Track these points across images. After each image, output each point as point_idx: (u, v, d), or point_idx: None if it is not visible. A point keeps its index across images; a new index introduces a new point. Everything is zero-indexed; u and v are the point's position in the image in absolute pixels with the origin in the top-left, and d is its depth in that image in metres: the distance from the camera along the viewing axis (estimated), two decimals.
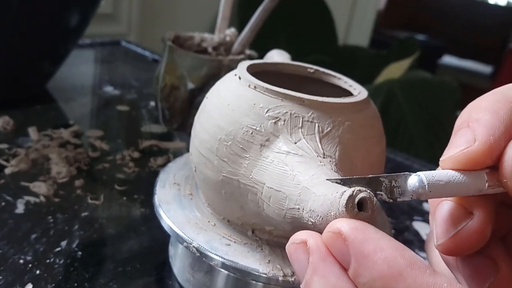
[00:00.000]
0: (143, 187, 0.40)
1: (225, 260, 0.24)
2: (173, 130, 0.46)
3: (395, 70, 1.33)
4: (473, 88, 2.32)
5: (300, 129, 0.23)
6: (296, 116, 0.23)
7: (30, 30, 0.48)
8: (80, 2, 0.52)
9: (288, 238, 0.17)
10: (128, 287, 0.29)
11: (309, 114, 0.23)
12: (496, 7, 3.31)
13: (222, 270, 0.25)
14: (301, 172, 0.20)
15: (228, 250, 0.25)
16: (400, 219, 0.43)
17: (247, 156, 0.23)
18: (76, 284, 0.28)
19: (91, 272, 0.29)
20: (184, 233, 0.25)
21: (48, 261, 0.29)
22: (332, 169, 0.21)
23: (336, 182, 0.17)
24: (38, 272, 0.28)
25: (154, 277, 0.30)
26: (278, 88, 0.24)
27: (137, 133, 0.51)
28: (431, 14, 3.23)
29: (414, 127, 1.11)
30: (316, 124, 0.23)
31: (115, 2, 1.20)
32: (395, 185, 0.17)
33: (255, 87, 0.25)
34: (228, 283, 0.26)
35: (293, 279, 0.23)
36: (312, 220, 0.17)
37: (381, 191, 0.17)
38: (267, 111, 0.24)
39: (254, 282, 0.25)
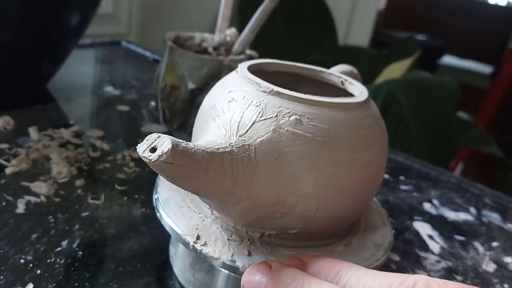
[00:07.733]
0: (144, 187, 0.40)
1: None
2: (174, 130, 0.46)
3: (395, 70, 1.33)
4: (473, 88, 2.32)
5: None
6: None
7: (30, 30, 0.48)
8: (80, 2, 0.52)
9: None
10: (129, 287, 0.29)
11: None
12: (496, 7, 3.30)
13: (223, 270, 0.25)
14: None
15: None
16: (400, 219, 0.43)
17: None
18: (76, 284, 0.28)
19: (92, 272, 0.29)
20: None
21: (48, 261, 0.29)
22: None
23: None
24: (38, 272, 0.28)
25: (155, 276, 0.30)
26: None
27: (137, 133, 0.51)
28: (431, 14, 3.23)
29: (414, 127, 1.11)
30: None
31: (115, 2, 1.20)
32: None
33: None
34: (229, 282, 0.26)
35: None
36: None
37: None
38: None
39: None
